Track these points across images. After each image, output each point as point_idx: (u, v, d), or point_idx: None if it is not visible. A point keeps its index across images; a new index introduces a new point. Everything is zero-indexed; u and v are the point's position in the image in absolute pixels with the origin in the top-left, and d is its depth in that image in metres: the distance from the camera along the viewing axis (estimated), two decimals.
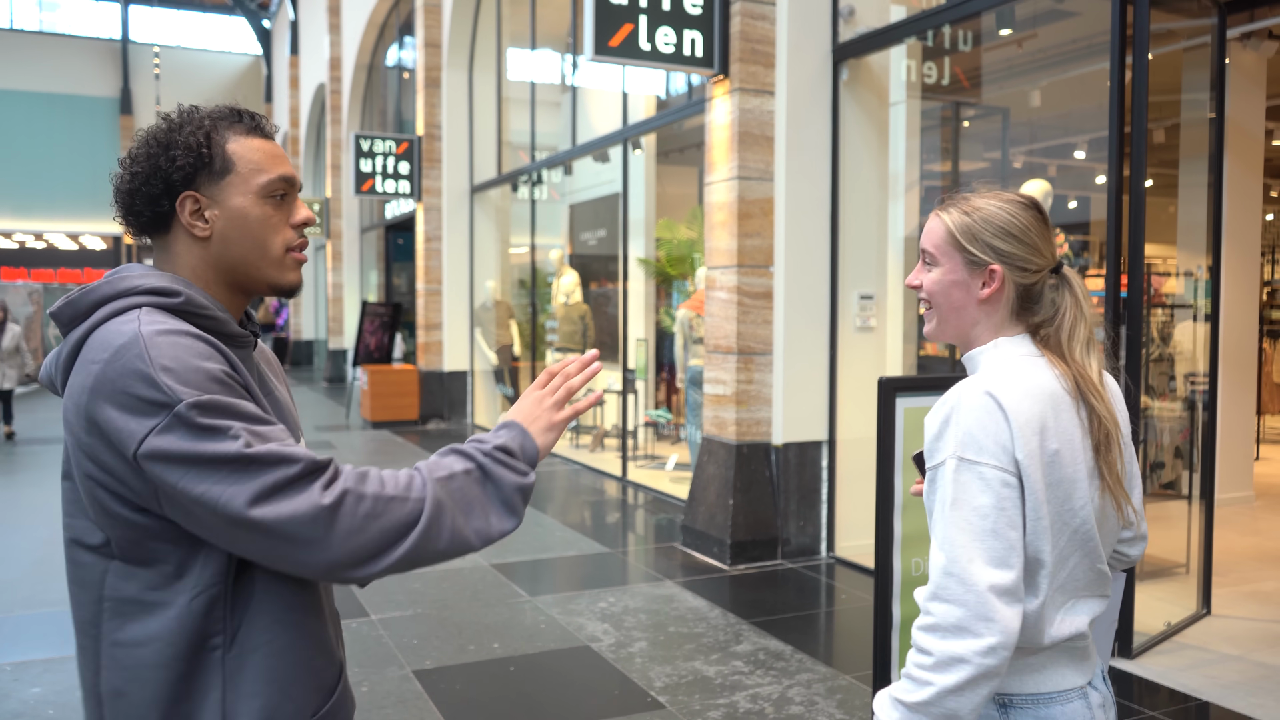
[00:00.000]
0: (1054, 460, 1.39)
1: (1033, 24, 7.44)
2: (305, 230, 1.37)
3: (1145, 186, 4.02)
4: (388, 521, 1.15)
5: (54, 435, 11.34)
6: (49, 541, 6.19)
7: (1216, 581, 4.96)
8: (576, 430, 10.25)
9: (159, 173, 1.28)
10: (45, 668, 4.07)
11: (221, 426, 1.12)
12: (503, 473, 1.25)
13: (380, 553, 1.15)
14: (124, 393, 1.13)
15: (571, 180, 10.92)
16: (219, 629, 1.21)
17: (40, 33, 27.69)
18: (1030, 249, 1.48)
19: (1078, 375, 1.44)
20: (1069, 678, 1.46)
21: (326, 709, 1.29)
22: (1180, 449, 5.79)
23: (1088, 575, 1.45)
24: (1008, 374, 1.42)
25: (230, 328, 1.29)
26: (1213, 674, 3.96)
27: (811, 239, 5.81)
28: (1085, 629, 1.45)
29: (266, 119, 1.37)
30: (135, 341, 1.15)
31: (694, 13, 5.70)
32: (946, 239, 1.52)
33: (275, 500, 1.11)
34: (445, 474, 1.22)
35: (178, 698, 1.20)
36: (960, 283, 1.50)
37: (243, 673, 1.22)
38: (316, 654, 1.28)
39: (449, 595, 5.07)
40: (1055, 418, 1.40)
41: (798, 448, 5.82)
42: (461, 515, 1.21)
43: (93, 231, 28.11)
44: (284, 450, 1.14)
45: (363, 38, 16.69)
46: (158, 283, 1.25)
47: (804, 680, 3.92)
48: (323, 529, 1.12)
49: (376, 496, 1.15)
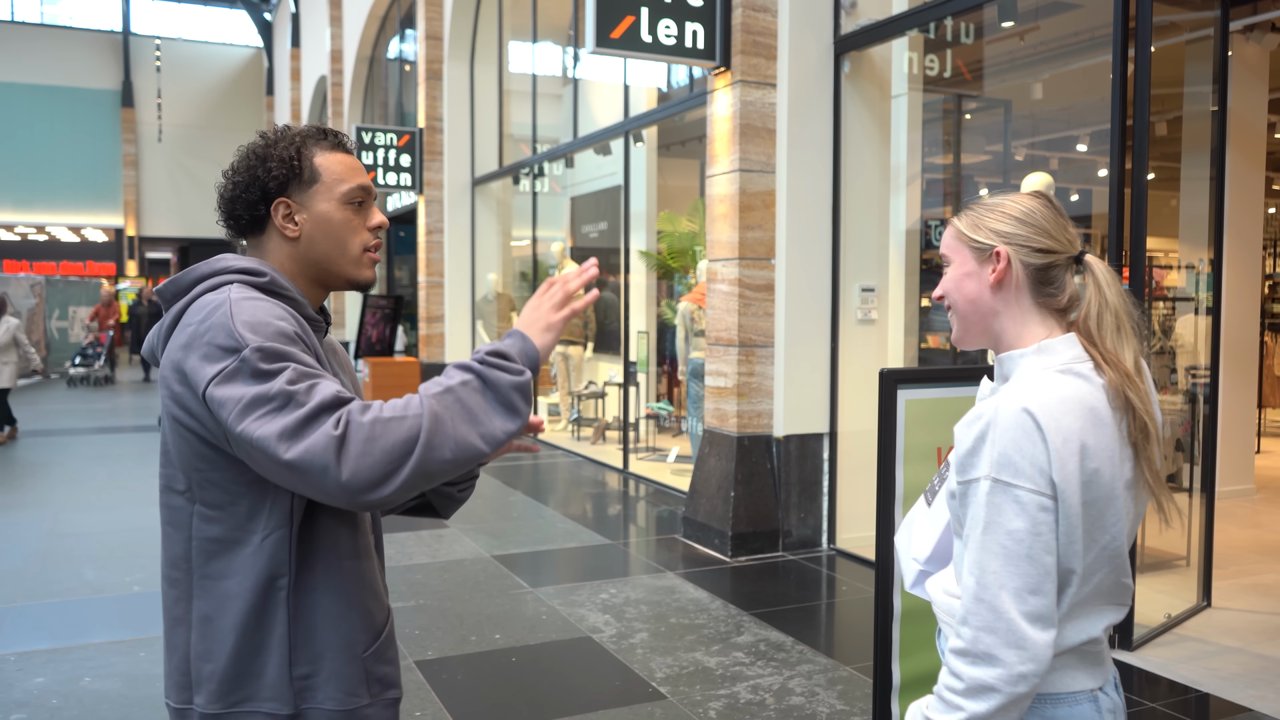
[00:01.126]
0: (1092, 479, 1.35)
1: (1035, 16, 7.43)
2: (379, 231, 1.57)
3: (1147, 179, 4.02)
4: (388, 441, 1.24)
5: (57, 428, 11.36)
6: (52, 533, 6.20)
7: (1217, 574, 4.97)
8: (578, 422, 10.26)
9: (257, 182, 1.49)
10: (49, 658, 4.09)
11: (276, 369, 1.27)
12: (497, 375, 1.32)
13: (391, 471, 1.24)
14: (208, 344, 1.31)
15: (573, 173, 10.92)
16: (284, 570, 1.39)
17: (42, 25, 27.65)
18: (1036, 230, 1.47)
19: (1113, 366, 1.41)
20: (1079, 680, 1.45)
21: (375, 647, 1.45)
22: (1181, 442, 5.79)
23: (1112, 588, 1.44)
24: (1047, 388, 1.37)
25: (308, 310, 1.50)
26: (1213, 666, 3.97)
27: (813, 231, 5.81)
28: (1099, 635, 1.44)
29: (347, 136, 1.58)
30: (224, 304, 1.35)
31: (696, 5, 5.70)
32: (955, 237, 1.54)
33: (297, 437, 1.23)
34: (440, 389, 1.31)
35: (251, 627, 1.38)
36: (971, 273, 1.50)
37: (304, 608, 1.40)
38: (369, 595, 1.45)
39: (451, 586, 5.09)
40: (1095, 435, 1.36)
41: (799, 440, 5.82)
42: (463, 423, 1.29)
43: (94, 224, 28.09)
44: (316, 390, 1.27)
45: (364, 30, 16.67)
46: (248, 264, 1.47)
47: (805, 671, 3.94)
48: (334, 457, 1.22)
49: (374, 420, 1.25)
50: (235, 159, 1.53)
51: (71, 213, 27.74)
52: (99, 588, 5.09)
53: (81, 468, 8.67)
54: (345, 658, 1.41)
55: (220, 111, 28.39)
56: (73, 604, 4.84)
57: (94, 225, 28.11)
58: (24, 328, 14.23)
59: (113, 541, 5.99)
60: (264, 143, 1.52)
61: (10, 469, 8.55)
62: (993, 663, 1.31)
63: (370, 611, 1.45)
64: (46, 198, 27.29)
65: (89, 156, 27.73)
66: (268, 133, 1.55)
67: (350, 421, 1.24)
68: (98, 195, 27.89)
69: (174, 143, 27.66)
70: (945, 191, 8.11)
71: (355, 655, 1.43)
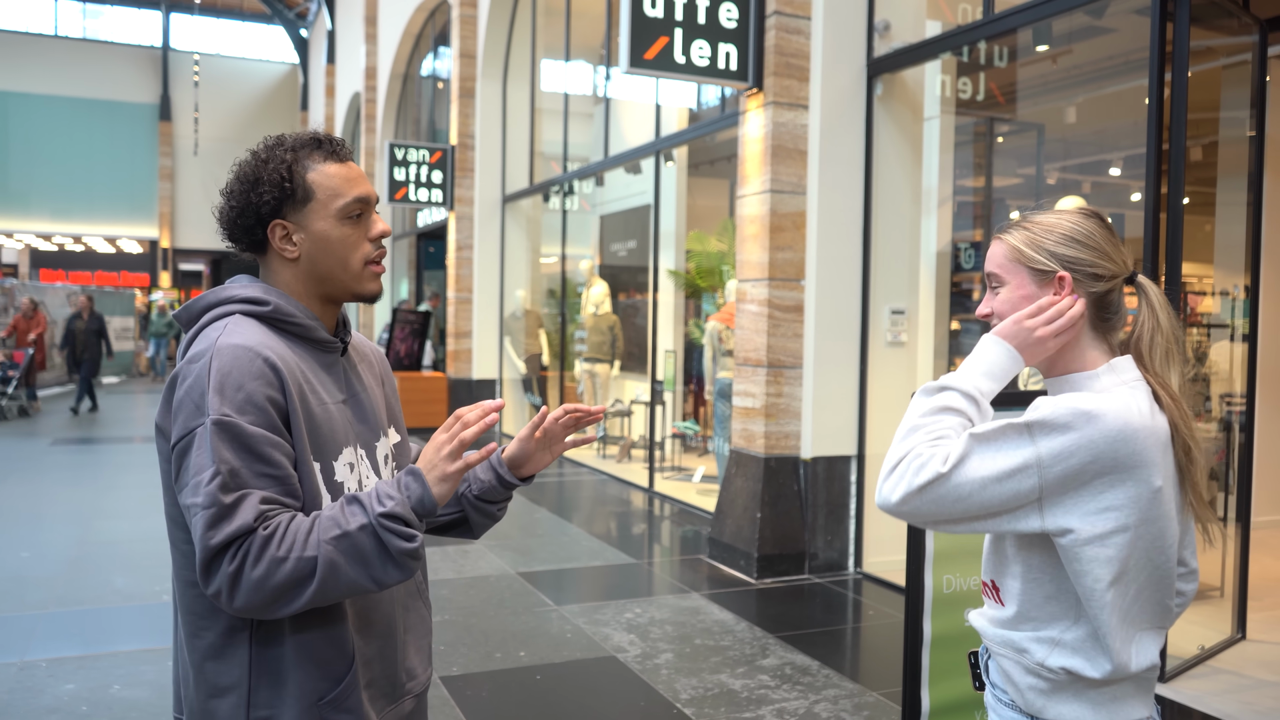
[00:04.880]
0: (1157, 496, 1.34)
1: (1069, 40, 7.39)
2: (381, 240, 1.55)
3: (1183, 204, 3.98)
4: (279, 581, 1.31)
5: (89, 436, 11.50)
6: (83, 540, 6.27)
7: (1252, 605, 4.88)
8: (604, 440, 10.27)
9: (250, 207, 1.48)
10: (79, 664, 4.13)
11: (219, 455, 1.31)
12: (391, 538, 1.35)
13: (279, 604, 1.32)
14: (186, 395, 1.37)
15: (603, 191, 10.97)
16: (245, 620, 1.42)
17: (84, 40, 28.17)
18: (1098, 253, 1.43)
19: (1160, 389, 1.40)
20: (1137, 709, 1.44)
21: (333, 695, 1.44)
22: (1216, 471, 5.71)
23: (1156, 609, 1.42)
24: (1133, 402, 1.36)
25: (317, 334, 1.50)
26: (1248, 700, 3.90)
27: (843, 253, 5.79)
28: (1156, 660, 1.43)
29: (343, 144, 1.54)
30: (209, 350, 1.38)
31: (729, 26, 5.72)
32: (1010, 255, 1.47)
33: (208, 552, 1.30)
34: (338, 531, 1.34)
35: (214, 666, 1.42)
36: (1030, 296, 1.44)
37: (267, 652, 1.41)
38: (327, 646, 1.44)
39: (475, 603, 5.09)
40: (1163, 456, 1.36)
41: (826, 462, 5.79)
42: (356, 567, 1.34)
43: (130, 235, 28.50)
44: (237, 512, 1.31)
45: (398, 48, 16.85)
46: (251, 293, 1.47)
47: (830, 696, 3.90)
48: (227, 588, 1.30)
49: (270, 560, 1.30)
50: (230, 180, 1.50)
51: (108, 224, 28.16)
52: (129, 596, 5.14)
53: (114, 475, 8.77)
54: (301, 705, 1.42)
55: (256, 126, 28.74)
56: (103, 611, 4.88)
57: (129, 236, 28.52)
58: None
59: (143, 550, 6.05)
60: (254, 162, 1.48)
61: (44, 477, 8.67)
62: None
63: (328, 662, 1.44)
64: (84, 209, 27.73)
65: (126, 169, 28.16)
66: (258, 149, 1.50)
67: (247, 556, 1.29)
68: (134, 207, 28.30)
69: (209, 156, 28.03)
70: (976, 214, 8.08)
71: (311, 704, 1.42)
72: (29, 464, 9.32)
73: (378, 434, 1.59)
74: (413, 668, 1.61)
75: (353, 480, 1.50)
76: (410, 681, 1.60)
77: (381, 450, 1.60)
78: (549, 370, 11.90)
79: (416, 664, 1.62)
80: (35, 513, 7.14)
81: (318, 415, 1.45)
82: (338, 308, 1.57)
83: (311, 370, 1.48)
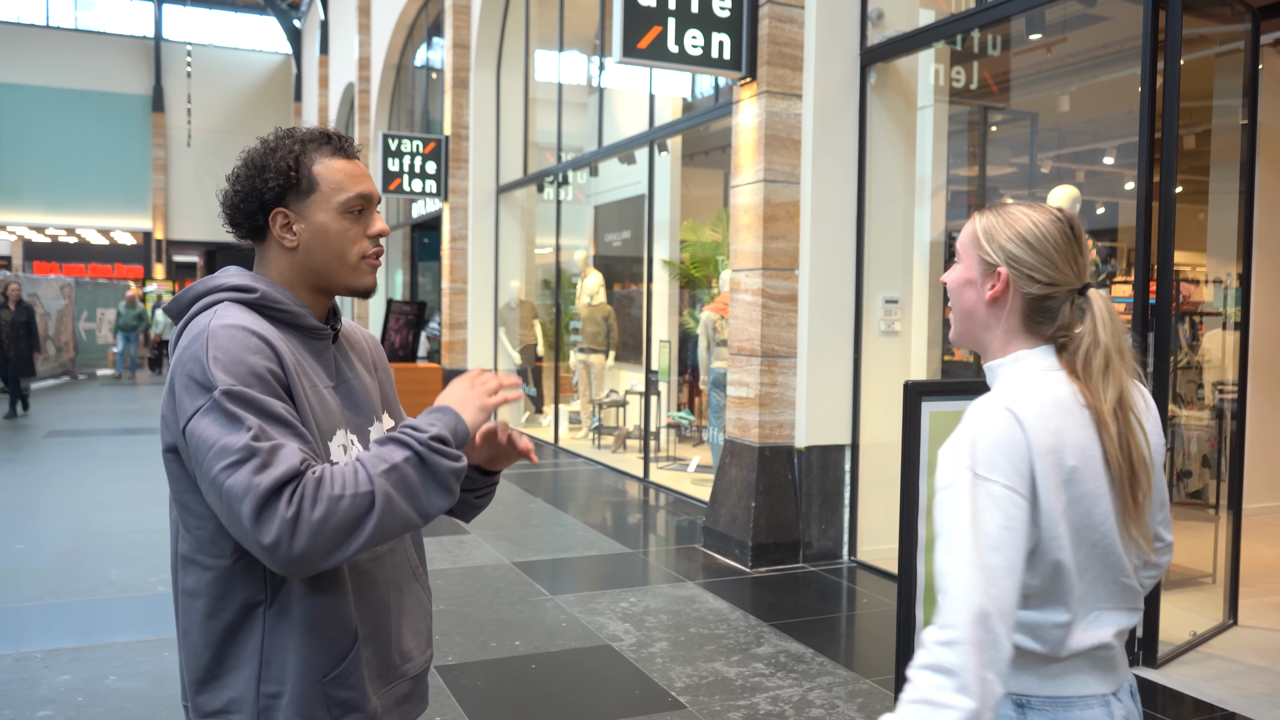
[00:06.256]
0: (1072, 477, 1.38)
1: (1062, 29, 7.39)
2: (379, 239, 1.58)
3: (1175, 193, 3.99)
4: (340, 519, 1.30)
5: (83, 428, 11.49)
6: (78, 532, 6.28)
7: (1243, 592, 4.91)
8: (599, 430, 10.28)
9: (255, 192, 1.50)
10: (75, 655, 4.14)
11: (242, 418, 1.31)
12: (437, 460, 1.39)
13: (341, 544, 1.31)
14: (187, 374, 1.37)
15: (597, 181, 10.95)
16: (261, 592, 1.44)
17: (76, 30, 28.03)
18: (1044, 260, 1.46)
19: (1093, 403, 1.42)
20: (1091, 685, 1.46)
21: (337, 672, 1.47)
22: (1208, 458, 5.74)
23: (1109, 588, 1.45)
24: (1026, 388, 1.41)
25: (305, 321, 1.52)
26: (1239, 685, 3.92)
27: (837, 242, 5.80)
28: (1110, 640, 1.45)
29: (350, 141, 1.58)
30: (203, 333, 1.39)
31: (722, 15, 5.71)
32: (971, 238, 1.53)
33: (258, 508, 1.27)
34: (386, 465, 1.36)
35: (225, 641, 1.44)
36: (972, 281, 1.51)
37: (279, 627, 1.44)
38: (333, 624, 1.47)
39: (471, 592, 5.11)
40: (1074, 434, 1.39)
41: (820, 451, 5.81)
42: (406, 500, 1.36)
43: (123, 227, 28.41)
44: (278, 458, 1.30)
45: (391, 38, 16.81)
46: (239, 281, 1.50)
47: (825, 683, 3.92)
48: (287, 534, 1.28)
49: (329, 498, 1.30)
50: (236, 166, 1.54)
51: (101, 215, 28.06)
52: (124, 587, 5.15)
53: (108, 468, 8.77)
54: (306, 682, 1.44)
55: (249, 117, 28.66)
56: (98, 603, 4.89)
57: (123, 228, 28.44)
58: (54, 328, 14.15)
59: (138, 542, 6.06)
60: (263, 150, 1.52)
61: (38, 467, 8.66)
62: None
63: (333, 638, 1.47)
64: (77, 200, 27.63)
65: (119, 160, 28.06)
66: (269, 138, 1.54)
67: (304, 498, 1.29)
68: (127, 198, 28.21)
69: (203, 147, 27.95)
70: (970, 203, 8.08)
71: (315, 680, 1.45)
72: (24, 456, 9.32)
73: (370, 420, 1.61)
74: (408, 650, 1.62)
75: (344, 461, 1.51)
76: (405, 663, 1.61)
77: (374, 436, 1.61)
78: (544, 361, 11.91)
79: (412, 646, 1.63)
80: (30, 504, 7.14)
81: (311, 398, 1.47)
82: (329, 299, 1.59)
83: (301, 355, 1.50)
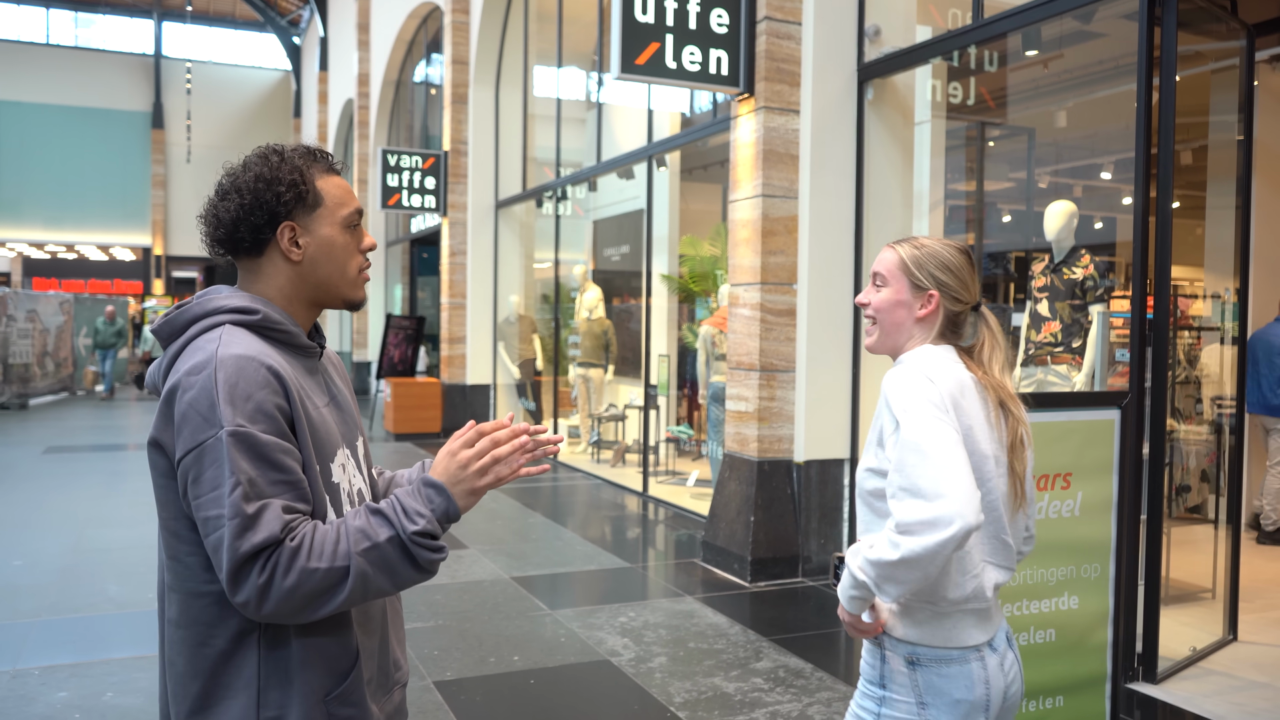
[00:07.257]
0: (968, 435, 1.69)
1: (1059, 45, 7.44)
2: (369, 253, 1.64)
3: (1172, 208, 4.01)
4: (312, 589, 1.35)
5: (83, 444, 11.47)
6: (76, 549, 6.26)
7: (1243, 607, 4.90)
8: (598, 445, 10.27)
9: (265, 205, 1.49)
10: (72, 672, 4.12)
11: (237, 465, 1.33)
12: (421, 552, 1.42)
13: (309, 608, 1.37)
14: (190, 404, 1.37)
15: (596, 196, 10.98)
16: (254, 624, 1.43)
17: (76, 48, 28.15)
18: (961, 284, 1.82)
19: (996, 387, 1.78)
20: (971, 635, 1.72)
21: (338, 691, 1.48)
22: (1207, 473, 5.74)
23: (991, 544, 1.76)
24: (934, 365, 1.75)
25: (300, 340, 1.54)
26: (1239, 701, 3.91)
27: (835, 257, 5.81)
28: (986, 591, 1.72)
29: (335, 158, 1.62)
30: (210, 361, 1.39)
31: (720, 32, 5.74)
32: (898, 265, 1.84)
33: (235, 563, 1.32)
34: (369, 544, 1.39)
35: (217, 670, 1.43)
36: (904, 303, 1.84)
37: (276, 653, 1.44)
38: (333, 644, 1.48)
39: (470, 607, 5.09)
40: (969, 401, 1.73)
41: (819, 465, 5.81)
42: (381, 576, 1.40)
43: (123, 243, 28.46)
44: (260, 522, 1.34)
45: (391, 54, 16.88)
46: (240, 302, 1.49)
47: (824, 699, 3.91)
48: (255, 598, 1.33)
49: (302, 570, 1.34)
50: (234, 180, 1.50)
51: (100, 231, 28.11)
52: (122, 603, 5.13)
53: (107, 483, 8.75)
54: (309, 703, 1.45)
55: (248, 133, 28.74)
56: (96, 619, 4.87)
57: (122, 244, 28.48)
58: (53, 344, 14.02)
59: (136, 558, 6.04)
60: (267, 164, 1.51)
61: (37, 484, 8.64)
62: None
63: (334, 658, 1.48)
64: (76, 217, 27.68)
65: (119, 176, 28.13)
66: (266, 153, 1.53)
67: (277, 566, 1.33)
68: (126, 215, 28.27)
69: (202, 164, 28.00)
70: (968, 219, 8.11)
71: (317, 701, 1.45)
72: (22, 471, 9.30)
73: (356, 435, 1.65)
74: (398, 659, 1.67)
75: (345, 479, 1.54)
76: (397, 672, 1.66)
77: (360, 450, 1.66)
78: (543, 375, 11.91)
79: (400, 655, 1.68)
80: (28, 520, 7.12)
81: (315, 419, 1.49)
82: (318, 313, 1.61)
83: (301, 377, 1.51)
